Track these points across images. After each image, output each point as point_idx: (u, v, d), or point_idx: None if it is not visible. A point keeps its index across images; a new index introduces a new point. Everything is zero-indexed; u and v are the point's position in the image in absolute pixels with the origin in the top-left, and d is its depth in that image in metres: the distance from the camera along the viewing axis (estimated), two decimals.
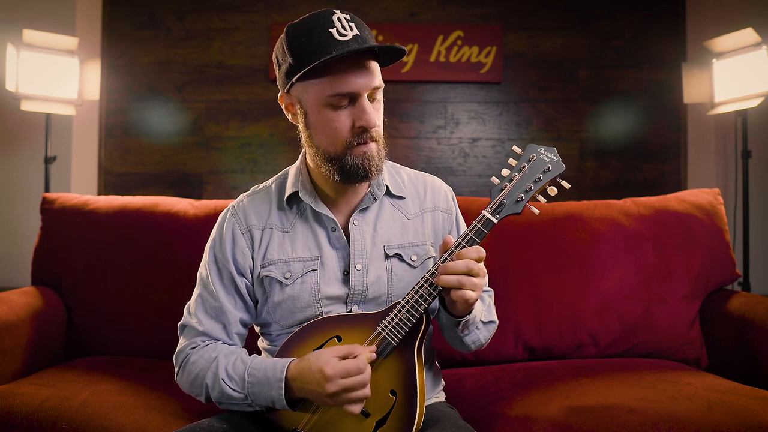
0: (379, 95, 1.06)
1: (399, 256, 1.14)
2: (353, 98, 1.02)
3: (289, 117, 1.12)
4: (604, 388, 1.34)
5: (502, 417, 1.26)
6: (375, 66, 1.04)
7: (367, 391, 0.97)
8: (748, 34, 2.45)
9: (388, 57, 1.06)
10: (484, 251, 0.98)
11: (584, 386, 1.37)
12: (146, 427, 1.21)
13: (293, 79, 1.03)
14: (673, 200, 1.78)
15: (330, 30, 0.99)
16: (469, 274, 0.96)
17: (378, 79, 1.04)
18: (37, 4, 2.89)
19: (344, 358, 0.98)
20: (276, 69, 1.09)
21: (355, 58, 1.01)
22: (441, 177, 1.33)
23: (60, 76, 2.64)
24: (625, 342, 1.65)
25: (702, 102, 2.74)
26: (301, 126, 1.10)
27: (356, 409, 0.97)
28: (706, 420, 1.13)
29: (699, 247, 1.70)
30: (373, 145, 1.05)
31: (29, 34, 2.52)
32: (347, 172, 1.05)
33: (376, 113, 1.04)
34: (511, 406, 1.31)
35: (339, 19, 1.00)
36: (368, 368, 0.97)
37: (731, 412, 1.15)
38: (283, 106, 1.12)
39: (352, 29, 1.00)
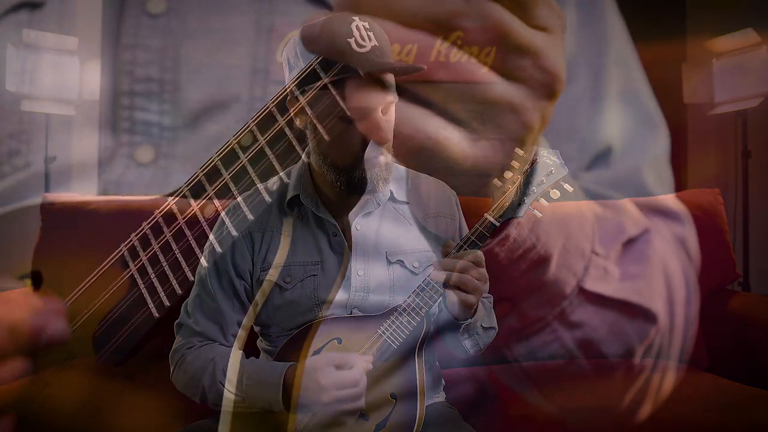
0: (392, 109, 1.05)
1: (401, 263, 1.13)
2: (367, 112, 1.01)
3: (297, 122, 1.10)
4: (604, 389, 1.34)
5: (502, 417, 1.26)
6: (391, 80, 1.03)
7: (360, 403, 0.96)
8: (748, 34, 2.45)
9: (403, 70, 1.05)
10: (481, 255, 0.98)
11: (584, 386, 1.37)
12: (146, 427, 1.21)
13: (306, 87, 1.01)
14: (672, 200, 1.78)
15: (348, 40, 0.97)
16: (466, 273, 0.95)
17: (393, 94, 1.03)
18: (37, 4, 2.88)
19: (341, 366, 0.97)
20: (286, 71, 1.07)
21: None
22: (441, 177, 1.32)
23: (60, 76, 2.63)
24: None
25: (702, 102, 2.74)
26: (309, 133, 1.08)
27: (349, 421, 0.97)
28: (706, 420, 1.13)
29: (699, 247, 1.70)
30: (382, 159, 1.04)
31: (29, 34, 2.52)
32: (354, 185, 1.05)
33: (388, 126, 1.03)
34: (512, 406, 1.31)
35: (358, 28, 0.98)
36: (363, 380, 0.96)
37: (731, 412, 1.15)
38: (291, 110, 1.10)
39: (371, 39, 0.98)
